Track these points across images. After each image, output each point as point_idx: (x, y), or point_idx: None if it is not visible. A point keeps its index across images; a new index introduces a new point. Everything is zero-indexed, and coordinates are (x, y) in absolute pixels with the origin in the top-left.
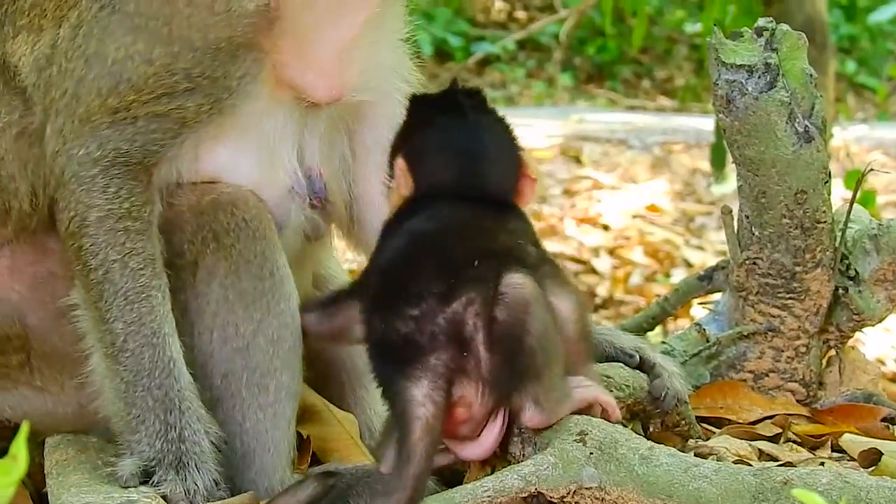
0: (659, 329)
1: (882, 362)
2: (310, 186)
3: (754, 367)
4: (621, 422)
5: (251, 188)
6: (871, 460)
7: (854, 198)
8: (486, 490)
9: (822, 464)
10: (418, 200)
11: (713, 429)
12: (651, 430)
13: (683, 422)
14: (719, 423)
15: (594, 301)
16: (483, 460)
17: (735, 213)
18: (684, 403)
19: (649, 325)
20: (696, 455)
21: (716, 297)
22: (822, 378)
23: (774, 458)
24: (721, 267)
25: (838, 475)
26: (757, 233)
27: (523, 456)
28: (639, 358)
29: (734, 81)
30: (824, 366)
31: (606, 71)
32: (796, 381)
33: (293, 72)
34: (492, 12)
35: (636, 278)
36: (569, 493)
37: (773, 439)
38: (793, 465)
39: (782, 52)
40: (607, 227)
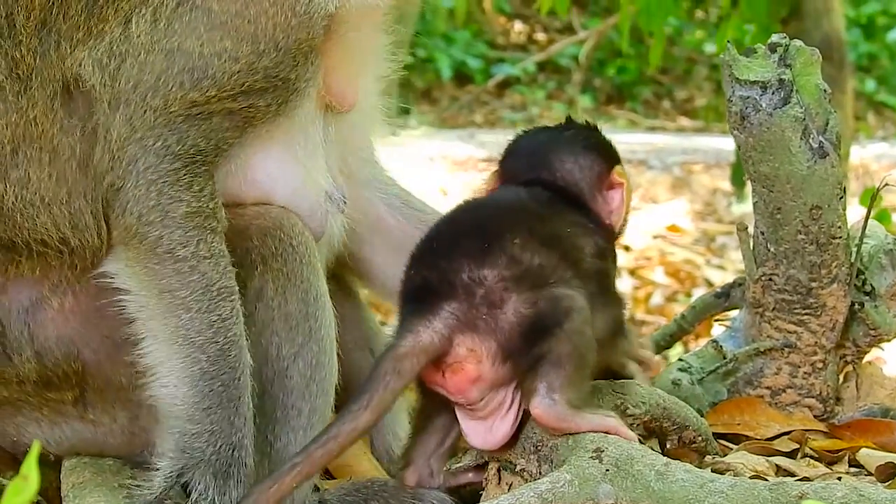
0: (680, 347)
1: None
2: (339, 191)
3: (771, 384)
4: (638, 439)
5: (294, 193)
6: (888, 474)
7: (869, 213)
8: None
9: (838, 479)
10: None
11: (730, 445)
12: (668, 446)
13: (700, 438)
14: (737, 439)
15: None
16: (499, 476)
17: (751, 230)
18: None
19: (667, 343)
20: (712, 471)
21: (733, 314)
22: (839, 393)
23: (791, 474)
24: (738, 284)
25: (854, 489)
26: (772, 249)
27: (539, 473)
28: None
29: (748, 98)
30: (841, 381)
31: (626, 92)
32: (813, 397)
33: (338, 77)
34: (511, 34)
35: (657, 298)
36: None
37: (791, 455)
38: (809, 479)
39: (796, 67)
40: (628, 248)
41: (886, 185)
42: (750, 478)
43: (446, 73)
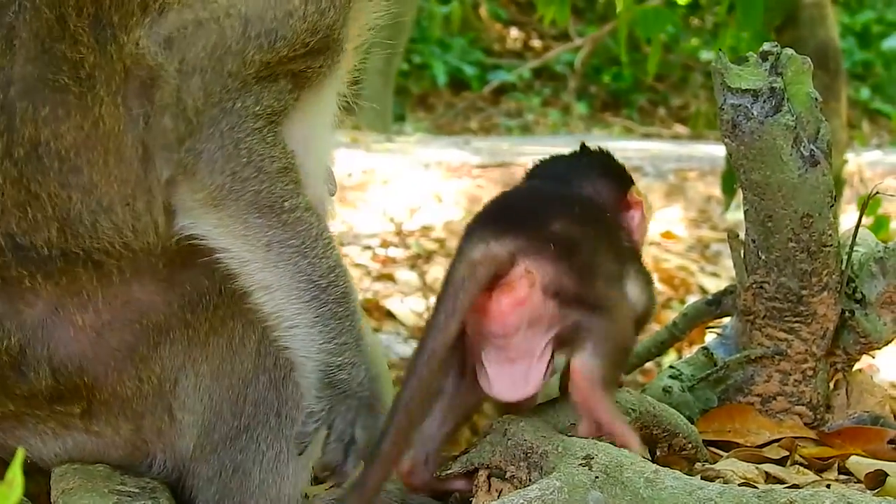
0: (673, 353)
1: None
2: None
3: (762, 391)
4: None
5: (318, 164)
6: (877, 482)
7: (859, 221)
8: None
9: (828, 486)
10: None
11: (721, 452)
12: (658, 454)
13: (690, 445)
14: (727, 446)
15: None
16: (488, 483)
17: (743, 238)
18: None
19: (658, 350)
20: (702, 478)
21: (724, 322)
22: (830, 401)
23: (781, 481)
24: (729, 291)
25: (842, 496)
26: (763, 257)
27: (529, 480)
28: None
29: (739, 106)
30: (831, 389)
31: (622, 99)
32: (804, 405)
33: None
34: (507, 41)
35: None
36: None
37: (781, 462)
38: (799, 487)
39: (787, 76)
40: None
41: (877, 193)
42: (739, 485)
43: (442, 79)
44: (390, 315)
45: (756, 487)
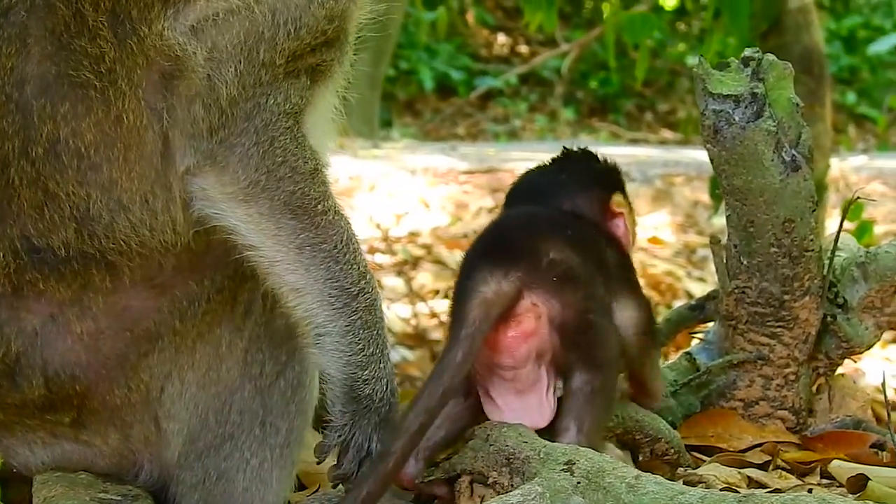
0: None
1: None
2: None
3: (744, 396)
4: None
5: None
6: (859, 486)
7: (841, 225)
8: None
9: (809, 490)
10: None
11: (703, 457)
12: (640, 459)
13: (672, 450)
14: (709, 451)
15: None
16: (471, 489)
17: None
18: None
19: None
20: (684, 483)
21: (707, 327)
22: (812, 405)
23: (763, 486)
24: (712, 297)
25: (824, 500)
26: (745, 262)
27: (511, 486)
28: None
29: (721, 111)
30: (814, 393)
31: (609, 104)
32: (786, 409)
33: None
34: (494, 47)
35: None
36: None
37: (763, 467)
38: (781, 491)
39: (769, 81)
40: None
41: (858, 198)
42: (721, 489)
43: (429, 85)
44: None
45: (738, 492)
